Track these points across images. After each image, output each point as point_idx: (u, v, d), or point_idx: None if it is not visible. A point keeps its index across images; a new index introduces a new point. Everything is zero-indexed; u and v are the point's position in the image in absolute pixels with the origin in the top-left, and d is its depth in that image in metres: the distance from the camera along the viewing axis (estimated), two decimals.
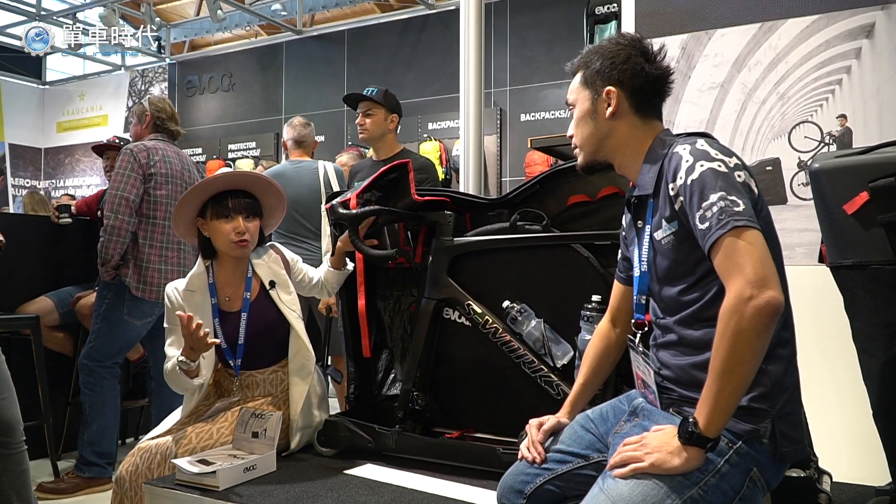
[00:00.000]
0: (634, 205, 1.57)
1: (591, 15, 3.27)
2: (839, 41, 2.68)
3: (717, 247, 1.28)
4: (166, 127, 3.44)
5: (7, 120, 10.96)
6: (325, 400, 2.47)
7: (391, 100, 3.42)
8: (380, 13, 9.05)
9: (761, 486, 1.35)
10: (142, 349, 3.72)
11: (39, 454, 3.33)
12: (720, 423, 1.27)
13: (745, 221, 1.27)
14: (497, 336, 2.20)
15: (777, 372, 1.35)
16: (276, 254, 2.43)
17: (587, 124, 1.57)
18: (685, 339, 1.43)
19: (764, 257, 1.25)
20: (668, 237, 1.43)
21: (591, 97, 1.56)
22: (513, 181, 7.51)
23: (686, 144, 1.41)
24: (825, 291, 1.92)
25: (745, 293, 1.22)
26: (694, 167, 1.35)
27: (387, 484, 2.06)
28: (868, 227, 1.72)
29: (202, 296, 2.30)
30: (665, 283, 1.47)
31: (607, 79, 1.53)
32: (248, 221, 2.28)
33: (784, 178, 2.78)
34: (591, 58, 1.57)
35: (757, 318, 1.21)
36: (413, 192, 2.32)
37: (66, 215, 3.72)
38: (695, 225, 1.33)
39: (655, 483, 1.29)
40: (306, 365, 2.32)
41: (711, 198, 1.30)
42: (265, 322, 2.31)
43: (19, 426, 2.24)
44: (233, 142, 9.30)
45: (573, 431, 1.59)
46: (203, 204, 2.29)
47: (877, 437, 1.84)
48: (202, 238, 2.33)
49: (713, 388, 1.25)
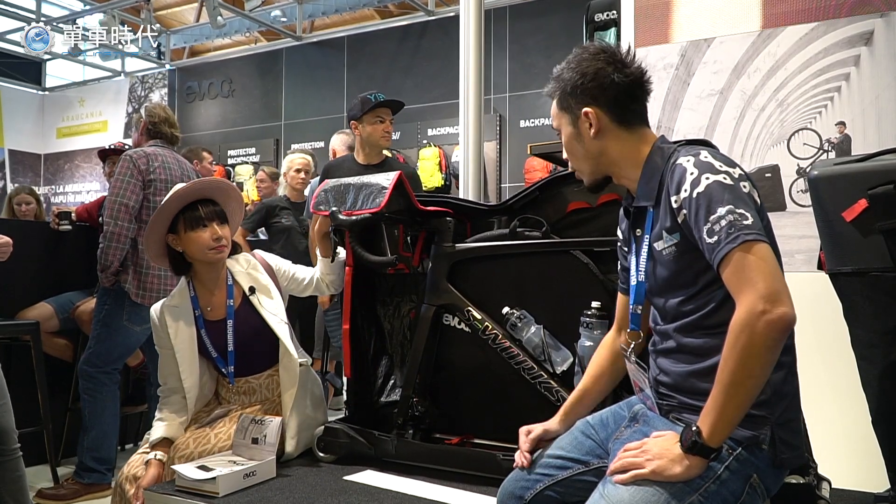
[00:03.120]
0: (633, 214, 1.56)
1: (591, 22, 3.27)
2: (838, 48, 2.69)
3: (727, 261, 1.27)
4: (160, 130, 3.43)
5: (7, 126, 10.97)
6: (322, 402, 2.47)
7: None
8: (379, 20, 9.09)
9: (761, 493, 1.35)
10: (141, 355, 3.72)
11: (39, 460, 3.33)
12: (724, 434, 1.27)
13: (754, 235, 1.26)
14: (497, 342, 2.20)
15: (778, 379, 1.35)
16: (256, 259, 2.44)
17: (576, 147, 1.56)
18: (685, 347, 1.43)
19: (775, 272, 1.25)
20: (669, 248, 1.42)
21: (571, 121, 1.54)
22: (512, 187, 7.52)
23: (689, 156, 1.39)
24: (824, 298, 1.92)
25: (758, 308, 1.21)
26: (699, 180, 1.34)
27: (386, 490, 2.05)
28: (867, 235, 1.73)
29: (185, 309, 2.32)
30: (665, 293, 1.47)
31: (580, 100, 1.51)
32: (220, 228, 2.29)
33: (783, 184, 2.79)
34: (561, 80, 1.55)
35: (769, 333, 1.21)
36: (415, 201, 2.33)
37: (67, 222, 3.72)
38: (702, 238, 1.32)
39: (656, 489, 1.29)
40: (291, 369, 2.31)
41: (719, 211, 1.29)
42: (251, 327, 2.32)
43: (14, 433, 2.25)
44: (232, 148, 9.31)
45: (573, 437, 1.59)
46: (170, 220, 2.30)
47: (876, 444, 1.84)
48: (173, 254, 2.33)
49: (720, 399, 1.25)
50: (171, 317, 2.30)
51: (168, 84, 10.31)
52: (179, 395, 2.30)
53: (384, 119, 3.41)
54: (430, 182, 7.40)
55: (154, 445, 2.23)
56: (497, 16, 7.65)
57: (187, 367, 2.28)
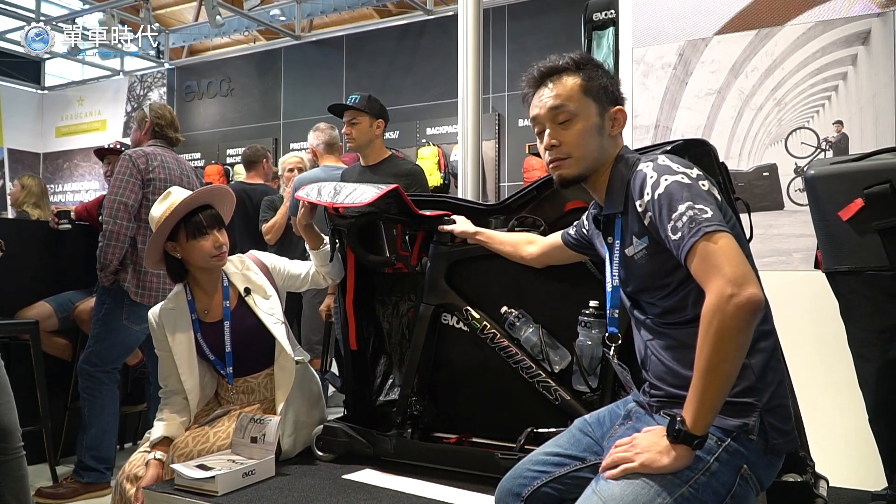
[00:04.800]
0: (603, 222, 1.61)
1: (589, 21, 3.28)
2: (835, 48, 2.70)
3: (692, 254, 1.31)
4: (165, 134, 3.45)
5: (6, 124, 10.96)
6: (319, 400, 2.47)
7: (375, 105, 3.37)
8: (378, 18, 9.08)
9: (753, 485, 1.36)
10: (140, 354, 3.72)
11: (38, 459, 3.33)
12: (707, 421, 1.28)
13: (714, 226, 1.29)
14: (495, 341, 2.21)
15: (760, 365, 1.38)
16: (250, 260, 2.45)
17: (593, 138, 1.55)
18: (667, 338, 1.46)
19: (739, 257, 1.27)
20: (640, 252, 1.47)
21: (598, 111, 1.55)
22: (511, 186, 7.52)
23: (648, 162, 1.45)
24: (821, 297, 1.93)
25: (726, 292, 1.24)
26: (659, 182, 1.39)
27: (385, 489, 2.06)
28: (863, 234, 1.74)
29: (182, 312, 2.33)
30: (641, 294, 1.52)
31: (614, 98, 1.58)
32: (220, 234, 2.31)
33: (781, 183, 2.80)
34: (591, 70, 1.57)
35: (739, 314, 1.23)
36: (414, 209, 2.33)
37: (66, 221, 3.73)
38: (667, 237, 1.36)
39: (645, 482, 1.31)
40: (286, 367, 2.32)
41: (680, 208, 1.33)
42: (247, 328, 2.33)
43: (17, 431, 2.25)
44: (231, 147, 9.30)
45: (571, 435, 1.61)
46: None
47: (873, 442, 1.85)
48: (171, 261, 2.34)
49: (699, 386, 1.27)
50: (168, 321, 2.31)
51: (167, 83, 10.30)
52: (180, 396, 2.31)
53: (346, 122, 3.38)
54: (429, 181, 7.39)
55: (154, 445, 2.23)
56: (496, 15, 7.65)
57: (187, 370, 2.29)
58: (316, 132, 4.09)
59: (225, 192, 2.41)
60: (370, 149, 3.37)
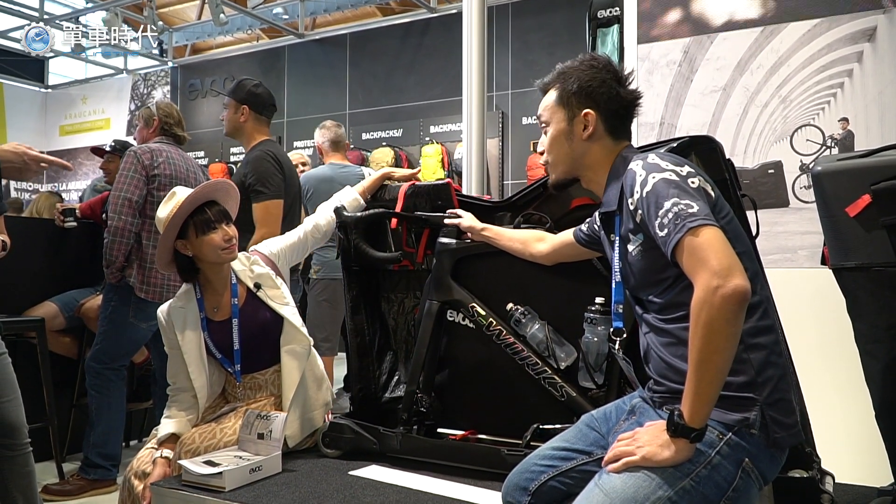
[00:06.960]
0: (603, 220, 1.66)
1: (593, 18, 3.28)
2: (841, 45, 2.70)
3: (679, 249, 1.32)
4: (173, 132, 3.46)
5: (10, 123, 11.00)
6: (324, 381, 2.48)
7: (240, 91, 3.20)
8: (381, 17, 9.08)
9: (755, 478, 1.37)
10: (146, 352, 3.73)
11: (44, 456, 3.34)
12: (703, 413, 1.29)
13: (700, 221, 1.31)
14: (501, 338, 2.21)
15: (760, 360, 1.38)
16: (255, 255, 2.46)
17: (562, 144, 1.64)
18: (667, 334, 1.47)
19: (725, 249, 1.28)
20: (636, 249, 1.50)
21: (566, 117, 1.63)
22: (515, 184, 7.53)
23: (639, 160, 1.47)
24: (828, 293, 1.93)
25: (712, 284, 1.25)
26: (647, 180, 1.41)
27: (391, 485, 2.07)
28: (870, 230, 1.74)
29: (191, 311, 2.34)
30: (641, 290, 1.54)
31: (584, 101, 1.61)
32: (228, 227, 2.32)
33: (786, 181, 2.79)
34: (566, 78, 1.63)
35: (726, 306, 1.24)
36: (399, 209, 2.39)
37: (72, 219, 3.74)
38: (656, 234, 1.38)
39: (647, 475, 1.32)
40: (296, 348, 2.34)
41: (666, 205, 1.35)
42: (258, 323, 2.34)
43: (24, 428, 2.26)
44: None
45: (578, 430, 1.63)
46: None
47: (879, 438, 1.85)
48: (182, 260, 2.34)
49: (693, 379, 1.29)
50: (177, 319, 2.32)
51: (170, 81, 10.33)
52: (189, 394, 2.32)
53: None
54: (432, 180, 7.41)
55: (162, 442, 2.24)
56: (499, 13, 7.65)
57: (196, 368, 2.30)
58: (322, 129, 4.12)
59: (229, 186, 2.42)
60: (241, 136, 3.26)
